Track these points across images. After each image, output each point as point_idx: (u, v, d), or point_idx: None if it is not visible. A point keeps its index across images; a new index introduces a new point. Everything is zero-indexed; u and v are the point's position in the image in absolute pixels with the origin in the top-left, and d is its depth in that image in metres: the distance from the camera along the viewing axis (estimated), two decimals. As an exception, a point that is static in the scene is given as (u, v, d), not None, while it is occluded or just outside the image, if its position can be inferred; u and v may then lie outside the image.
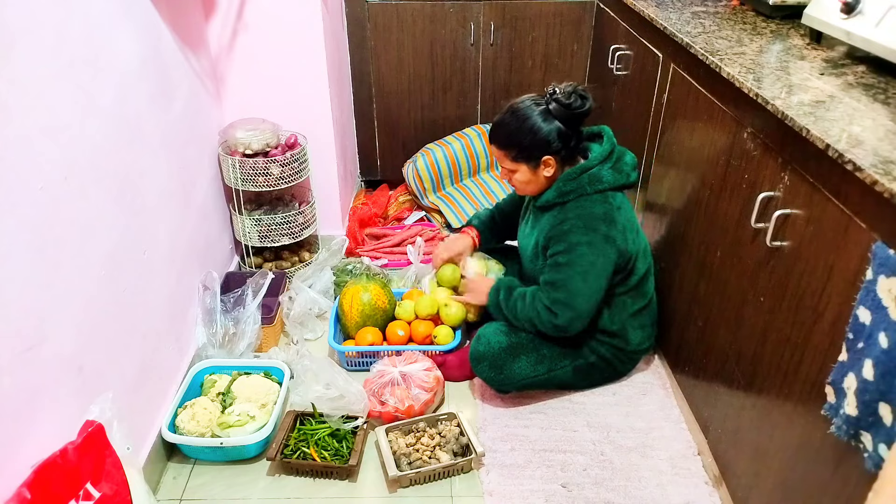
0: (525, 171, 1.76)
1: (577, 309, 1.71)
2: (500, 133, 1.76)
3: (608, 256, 1.71)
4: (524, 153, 1.73)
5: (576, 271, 1.70)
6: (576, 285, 1.70)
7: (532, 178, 1.77)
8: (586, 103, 1.70)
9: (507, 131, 1.74)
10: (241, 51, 2.20)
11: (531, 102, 1.73)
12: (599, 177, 1.72)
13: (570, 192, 1.73)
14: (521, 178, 1.78)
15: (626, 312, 1.83)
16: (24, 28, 1.16)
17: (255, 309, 2.00)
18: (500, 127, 1.76)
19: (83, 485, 1.24)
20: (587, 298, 1.72)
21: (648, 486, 1.67)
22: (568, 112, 1.69)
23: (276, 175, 2.18)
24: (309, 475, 1.70)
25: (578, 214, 1.71)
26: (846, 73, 1.46)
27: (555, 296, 1.72)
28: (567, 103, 1.69)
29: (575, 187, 1.73)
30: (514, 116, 1.73)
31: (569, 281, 1.70)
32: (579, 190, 1.72)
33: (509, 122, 1.74)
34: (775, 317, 1.33)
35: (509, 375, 1.82)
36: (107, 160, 1.46)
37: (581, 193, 1.72)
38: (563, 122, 1.70)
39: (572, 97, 1.69)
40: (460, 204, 2.83)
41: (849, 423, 1.05)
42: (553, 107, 1.70)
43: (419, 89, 2.83)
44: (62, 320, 1.27)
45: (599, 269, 1.70)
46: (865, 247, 1.03)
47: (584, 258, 1.69)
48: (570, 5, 2.70)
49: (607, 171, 1.73)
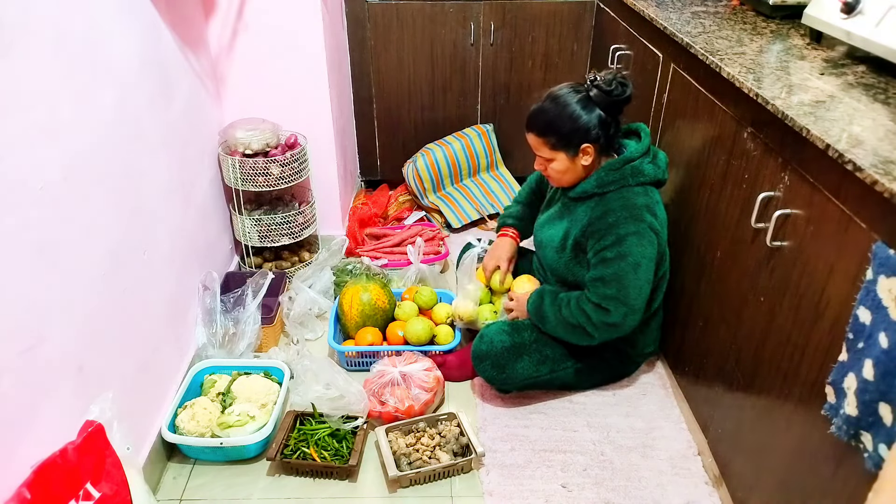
0: (563, 159, 1.72)
1: (629, 303, 1.67)
2: (540, 120, 1.71)
3: (654, 246, 1.68)
4: (563, 141, 1.69)
5: (628, 263, 1.65)
6: (628, 279, 1.66)
7: (570, 166, 1.72)
8: (626, 90, 1.67)
9: (546, 118, 1.70)
10: (241, 51, 2.20)
11: (571, 90, 1.70)
12: (641, 170, 1.70)
13: (612, 183, 1.70)
14: (558, 167, 1.73)
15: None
16: (23, 28, 1.16)
17: (255, 309, 2.00)
18: (539, 114, 1.72)
19: (83, 485, 1.24)
20: (639, 291, 1.67)
21: (648, 486, 1.67)
22: (609, 99, 1.66)
23: (276, 175, 2.18)
24: (309, 475, 1.70)
25: (623, 205, 1.67)
26: (846, 73, 1.46)
27: (605, 292, 1.67)
28: (608, 90, 1.66)
29: (617, 178, 1.69)
30: (554, 103, 1.70)
31: (621, 275, 1.66)
32: (621, 181, 1.69)
33: (549, 109, 1.70)
34: (775, 317, 1.33)
35: (511, 375, 1.81)
36: (107, 160, 1.46)
37: (623, 185, 1.69)
38: (603, 109, 1.67)
39: (613, 84, 1.66)
40: (460, 204, 2.83)
41: (849, 423, 1.05)
42: (594, 94, 1.67)
43: (419, 89, 2.83)
44: (62, 320, 1.27)
45: (649, 259, 1.67)
46: (865, 247, 1.03)
47: (634, 249, 1.65)
48: (570, 5, 2.70)
49: (648, 164, 1.71)
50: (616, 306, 1.67)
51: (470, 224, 2.84)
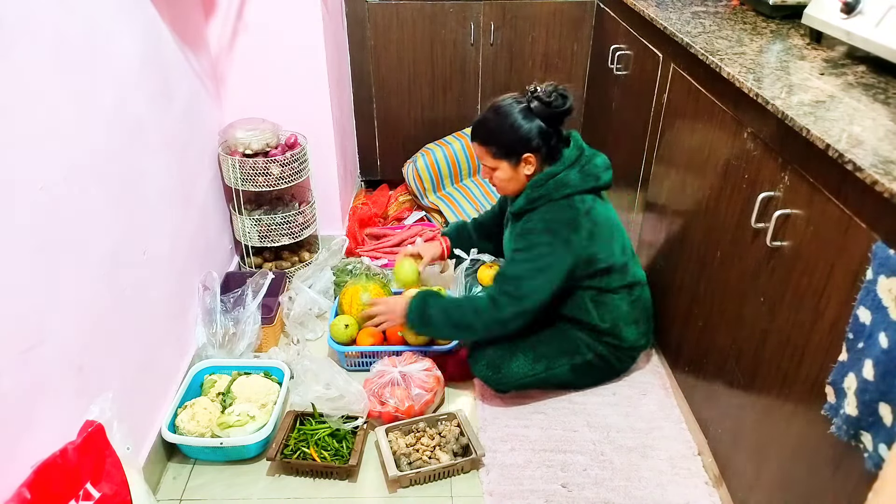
0: (506, 168, 1.77)
1: (521, 305, 1.71)
2: (482, 130, 1.78)
3: (565, 261, 1.72)
4: (504, 150, 1.75)
5: (532, 266, 1.71)
6: (527, 280, 1.71)
7: (513, 175, 1.78)
8: (566, 102, 1.73)
9: (488, 128, 1.76)
10: (241, 51, 2.20)
11: (512, 100, 1.76)
12: (566, 181, 1.74)
13: (539, 199, 1.75)
14: (502, 176, 1.79)
15: (615, 311, 1.83)
16: (23, 28, 1.16)
17: (255, 309, 2.00)
18: (481, 124, 1.78)
19: (83, 485, 1.24)
20: (537, 297, 1.72)
21: (648, 486, 1.67)
22: (549, 110, 1.71)
23: (276, 175, 2.18)
24: (309, 475, 1.70)
25: (542, 218, 1.74)
26: (846, 73, 1.46)
27: (503, 287, 1.72)
28: (548, 101, 1.71)
29: (543, 193, 1.75)
30: (495, 114, 1.75)
31: (521, 274, 1.71)
32: (547, 196, 1.74)
33: (491, 120, 1.76)
34: (775, 317, 1.33)
35: (507, 374, 1.82)
36: (107, 160, 1.46)
37: (549, 199, 1.74)
38: (543, 120, 1.72)
39: (553, 95, 1.71)
40: (460, 204, 2.83)
41: (849, 423, 1.05)
42: (534, 105, 1.72)
43: (419, 89, 2.83)
44: (62, 320, 1.27)
45: (554, 271, 1.71)
46: (865, 247, 1.03)
47: (541, 258, 1.71)
48: (570, 5, 2.70)
49: (574, 174, 1.74)
50: (510, 303, 1.71)
51: (470, 224, 2.84)
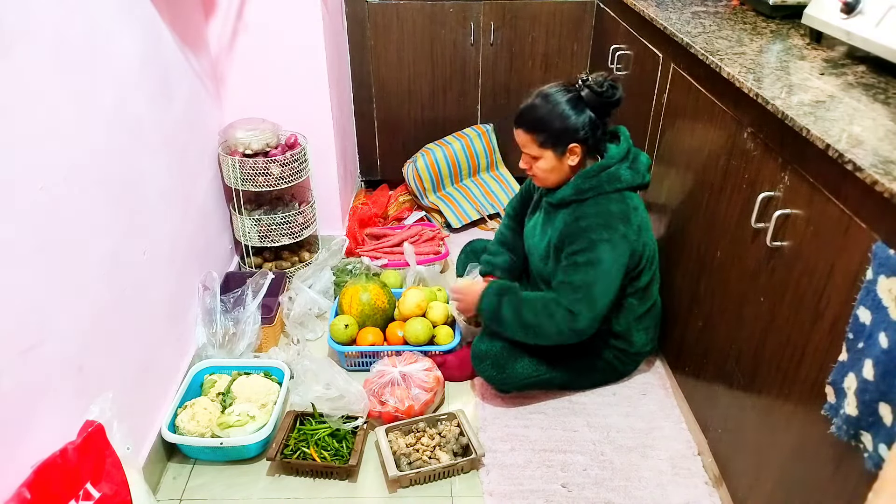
0: (550, 157, 1.72)
1: (596, 310, 1.67)
2: (529, 117, 1.72)
3: (625, 255, 1.69)
4: (552, 139, 1.70)
5: (598, 270, 1.66)
6: (598, 286, 1.66)
7: (556, 165, 1.73)
8: (617, 93, 1.68)
9: (536, 115, 1.70)
10: (241, 51, 2.20)
11: (562, 88, 1.71)
12: (618, 175, 1.70)
13: (589, 190, 1.70)
14: (544, 166, 1.74)
15: (632, 315, 1.83)
16: (23, 28, 1.16)
17: (255, 309, 2.00)
18: (529, 111, 1.72)
19: (83, 485, 1.24)
20: (607, 299, 1.68)
21: (648, 486, 1.67)
22: (599, 100, 1.67)
23: (276, 175, 2.18)
24: (309, 475, 1.70)
25: (597, 212, 1.68)
26: (846, 73, 1.46)
27: (574, 297, 1.67)
28: (599, 91, 1.66)
29: (594, 185, 1.70)
30: (544, 101, 1.70)
31: (590, 281, 1.66)
32: (598, 188, 1.70)
33: (539, 106, 1.70)
34: (775, 317, 1.33)
35: (511, 375, 1.81)
36: (107, 160, 1.46)
37: (599, 192, 1.70)
38: (593, 110, 1.68)
39: (605, 86, 1.67)
40: (460, 204, 2.83)
41: (849, 423, 1.05)
42: (585, 94, 1.67)
43: (419, 89, 2.83)
44: (62, 320, 1.27)
45: (619, 268, 1.68)
46: (865, 247, 1.03)
47: (605, 256, 1.66)
48: (570, 5, 2.70)
49: (625, 170, 1.71)
50: (584, 312, 1.66)
51: (470, 224, 2.84)
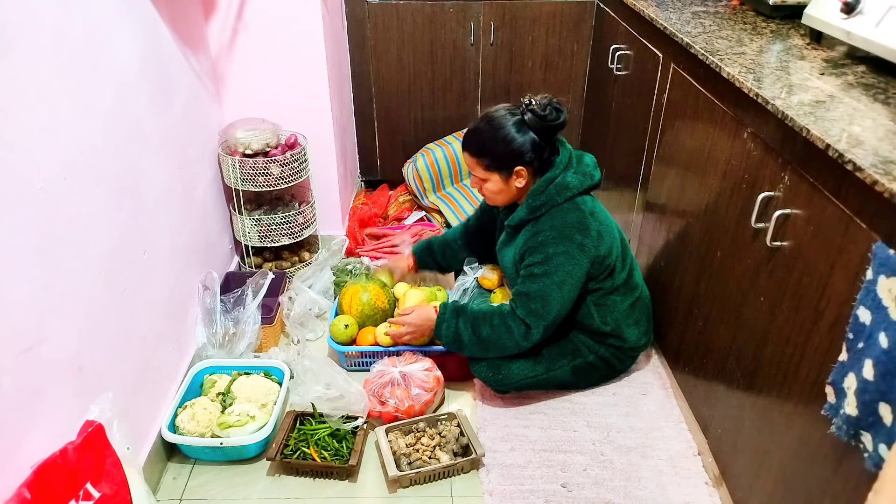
0: (497, 180, 1.76)
1: (549, 320, 1.71)
2: (474, 141, 1.75)
3: (582, 266, 1.71)
4: (497, 162, 1.73)
5: (553, 280, 1.69)
6: (552, 296, 1.69)
7: (504, 187, 1.77)
8: (561, 116, 1.70)
9: (480, 139, 1.74)
10: (241, 51, 2.20)
11: (506, 112, 1.73)
12: (566, 184, 1.72)
13: (542, 206, 1.73)
14: (492, 188, 1.78)
15: (617, 311, 1.83)
16: (23, 28, 1.16)
17: (255, 309, 2.00)
18: (473, 135, 1.76)
19: (83, 485, 1.24)
20: (560, 309, 1.72)
21: (648, 486, 1.67)
22: (543, 123, 1.69)
23: (276, 175, 2.18)
24: (309, 475, 1.70)
25: (552, 225, 1.71)
26: (846, 73, 1.46)
27: (531, 306, 1.70)
28: (542, 115, 1.68)
29: (545, 200, 1.73)
30: (488, 125, 1.73)
31: (546, 292, 1.69)
32: (550, 202, 1.72)
33: (483, 131, 1.73)
34: (775, 317, 1.33)
35: (507, 375, 1.82)
36: (107, 160, 1.46)
37: (552, 205, 1.72)
38: (537, 133, 1.70)
39: (547, 109, 1.69)
40: (460, 204, 2.83)
41: (849, 423, 1.05)
42: (528, 117, 1.69)
43: (419, 89, 2.83)
44: (62, 320, 1.27)
45: (575, 279, 1.71)
46: (865, 247, 1.03)
47: (561, 268, 1.69)
48: (570, 5, 2.70)
49: (572, 175, 1.73)
50: (537, 322, 1.71)
51: (470, 224, 2.84)
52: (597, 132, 2.69)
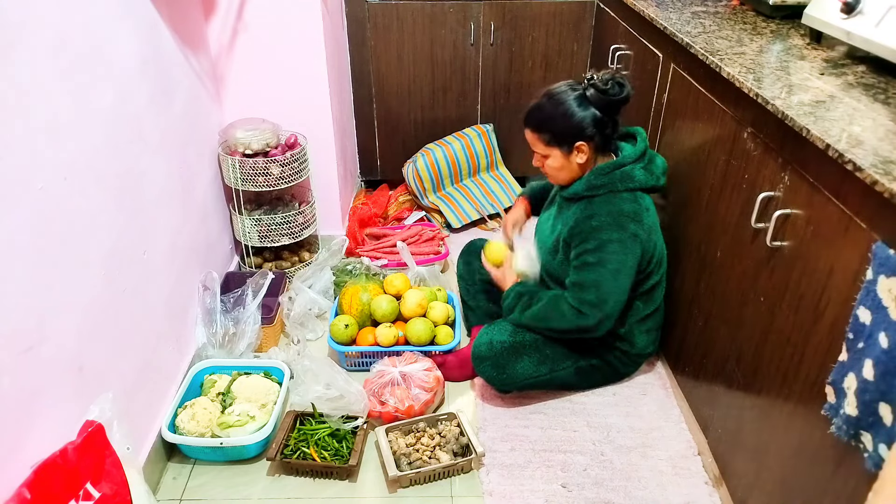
0: (558, 156, 1.74)
1: (606, 310, 1.69)
2: (535, 116, 1.74)
3: (636, 255, 1.69)
4: (557, 137, 1.72)
5: (607, 270, 1.67)
6: (607, 286, 1.68)
7: (565, 163, 1.74)
8: (623, 90, 1.69)
9: (541, 115, 1.73)
10: (241, 51, 2.20)
11: (567, 87, 1.72)
12: (632, 175, 1.71)
13: (601, 187, 1.71)
14: (554, 164, 1.76)
15: (635, 316, 1.83)
16: (24, 28, 1.16)
17: (255, 309, 2.00)
18: (535, 110, 1.75)
19: (83, 485, 1.24)
20: (617, 298, 1.70)
21: (648, 486, 1.67)
22: (605, 98, 1.67)
23: (276, 175, 2.18)
24: (309, 475, 1.70)
25: (608, 211, 1.69)
26: (846, 73, 1.46)
27: (584, 297, 1.69)
28: (604, 89, 1.67)
29: (606, 182, 1.71)
30: (549, 100, 1.72)
31: (600, 281, 1.68)
32: (610, 186, 1.71)
33: (544, 106, 1.73)
34: (775, 317, 1.33)
35: (511, 375, 1.81)
36: (107, 160, 1.46)
37: (611, 189, 1.71)
38: (599, 108, 1.69)
39: (610, 83, 1.68)
40: (460, 204, 2.83)
41: (849, 423, 1.05)
42: (590, 93, 1.68)
43: (419, 89, 2.83)
44: (62, 320, 1.27)
45: (629, 268, 1.69)
46: (865, 247, 1.03)
47: (615, 256, 1.67)
48: (570, 5, 2.70)
49: (639, 170, 1.72)
50: (593, 312, 1.69)
51: (470, 224, 2.84)
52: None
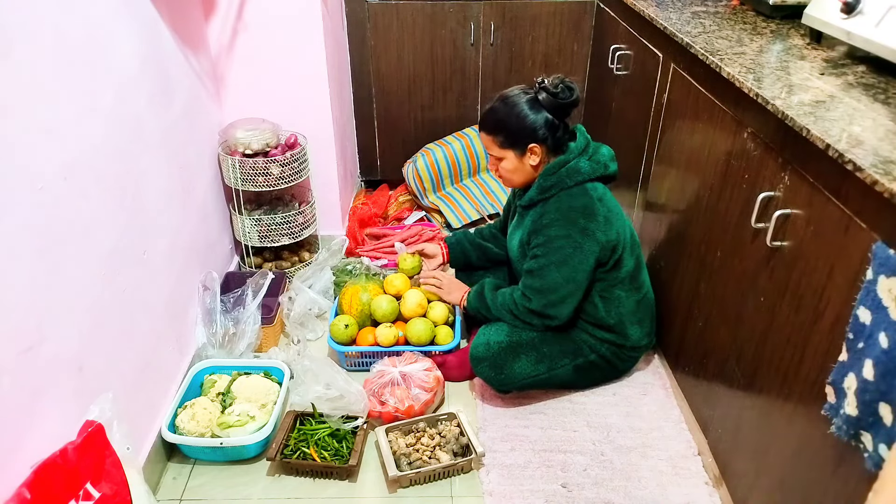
0: (512, 158, 1.79)
1: (550, 297, 1.76)
2: (490, 119, 1.81)
3: (585, 249, 1.74)
4: (511, 139, 1.77)
5: (551, 261, 1.74)
6: (551, 275, 1.75)
7: (518, 165, 1.80)
8: (573, 94, 1.75)
9: (495, 118, 1.79)
10: (241, 51, 2.20)
11: (520, 91, 1.79)
12: (577, 168, 1.76)
13: (552, 188, 1.77)
14: (508, 167, 1.81)
15: (622, 307, 1.84)
16: (24, 28, 1.16)
17: (255, 309, 2.00)
18: (489, 113, 1.81)
19: (83, 485, 1.24)
20: (562, 288, 1.75)
21: (648, 486, 1.67)
22: (555, 101, 1.73)
23: (276, 175, 2.18)
24: (309, 475, 1.70)
25: (558, 207, 1.75)
26: (846, 73, 1.46)
27: (530, 282, 1.78)
28: (554, 93, 1.73)
29: (555, 181, 1.77)
30: (503, 104, 1.78)
31: (545, 270, 1.75)
32: (560, 184, 1.76)
33: (498, 109, 1.78)
34: (775, 317, 1.33)
35: (510, 375, 1.82)
36: (107, 160, 1.46)
37: (562, 187, 1.76)
38: (550, 111, 1.74)
39: (560, 87, 1.74)
40: (460, 204, 2.83)
41: (849, 423, 1.05)
42: (542, 96, 1.74)
43: (419, 89, 2.83)
44: (62, 320, 1.27)
45: (576, 261, 1.74)
46: (865, 247, 1.03)
47: (560, 251, 1.74)
48: (570, 5, 2.70)
49: (585, 162, 1.77)
50: (536, 297, 1.77)
51: (470, 224, 2.83)
52: (597, 132, 2.67)
